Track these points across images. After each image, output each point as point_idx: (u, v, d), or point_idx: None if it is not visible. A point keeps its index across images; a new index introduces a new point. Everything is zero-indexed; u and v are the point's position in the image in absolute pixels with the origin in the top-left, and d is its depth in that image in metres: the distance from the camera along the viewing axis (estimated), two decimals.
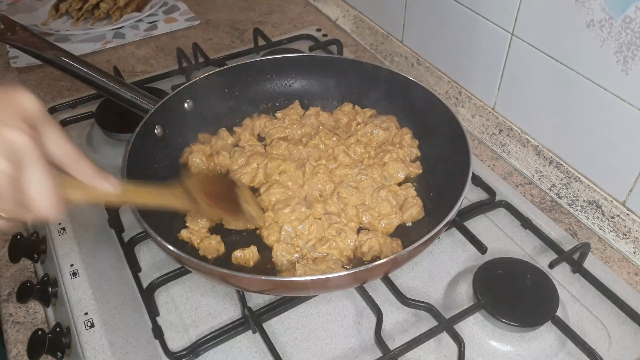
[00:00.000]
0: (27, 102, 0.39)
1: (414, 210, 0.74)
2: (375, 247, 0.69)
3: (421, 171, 0.81)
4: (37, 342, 0.62)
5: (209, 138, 0.85)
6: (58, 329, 0.65)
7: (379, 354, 0.60)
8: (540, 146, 0.84)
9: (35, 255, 0.74)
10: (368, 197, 0.76)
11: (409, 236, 0.72)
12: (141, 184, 0.58)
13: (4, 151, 0.35)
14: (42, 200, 0.39)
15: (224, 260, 0.70)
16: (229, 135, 0.85)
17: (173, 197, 0.61)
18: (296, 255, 0.69)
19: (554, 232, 0.76)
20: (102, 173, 0.47)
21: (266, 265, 0.69)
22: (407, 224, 0.74)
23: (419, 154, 0.83)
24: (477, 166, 0.86)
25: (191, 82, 0.85)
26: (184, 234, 0.71)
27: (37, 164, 0.38)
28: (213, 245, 0.70)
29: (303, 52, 1.08)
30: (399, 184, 0.78)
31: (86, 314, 0.65)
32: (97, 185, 0.46)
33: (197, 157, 0.81)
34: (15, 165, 0.36)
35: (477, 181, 0.82)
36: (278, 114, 0.90)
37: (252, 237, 0.72)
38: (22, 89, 0.39)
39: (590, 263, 0.71)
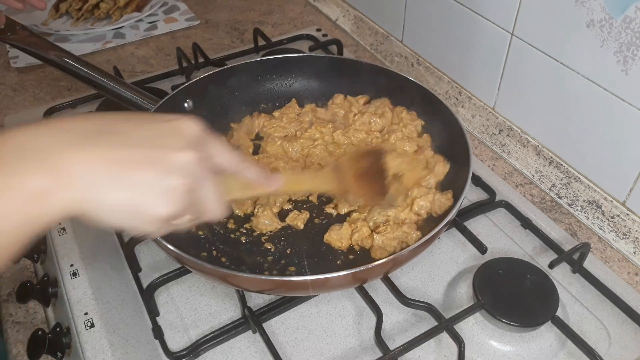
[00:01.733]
0: (189, 126, 0.45)
1: (440, 165, 0.76)
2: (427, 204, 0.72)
3: (429, 143, 0.82)
4: (37, 342, 0.62)
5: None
6: (58, 329, 0.65)
7: (379, 354, 0.60)
8: (540, 146, 0.84)
9: (35, 255, 0.74)
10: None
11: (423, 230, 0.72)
12: (296, 173, 0.66)
13: (181, 172, 0.42)
14: (213, 205, 0.47)
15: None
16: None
17: (325, 182, 0.65)
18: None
19: (554, 232, 0.76)
20: (265, 174, 0.54)
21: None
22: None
23: (422, 122, 0.84)
24: (477, 166, 0.86)
25: (191, 82, 0.85)
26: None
27: (207, 176, 0.45)
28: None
29: (303, 52, 1.08)
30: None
31: (86, 314, 0.65)
32: (264, 184, 0.54)
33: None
34: (191, 181, 0.43)
35: (477, 181, 0.82)
36: (275, 113, 0.89)
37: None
38: (185, 117, 0.46)
39: (590, 263, 0.71)
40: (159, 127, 0.44)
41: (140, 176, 0.41)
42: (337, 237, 0.70)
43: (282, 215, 0.74)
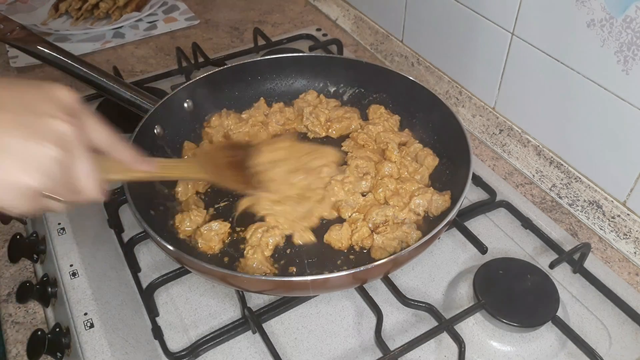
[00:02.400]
0: (65, 95, 0.43)
1: (429, 158, 0.78)
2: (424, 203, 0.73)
3: (412, 136, 0.84)
4: (37, 342, 0.62)
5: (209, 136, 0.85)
6: (57, 329, 0.65)
7: (379, 355, 0.60)
8: (540, 146, 0.84)
9: (35, 256, 0.74)
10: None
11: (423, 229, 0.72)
12: (171, 159, 0.66)
13: (54, 140, 0.39)
14: (89, 184, 0.43)
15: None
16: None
17: (196, 169, 0.68)
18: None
19: (555, 232, 0.76)
20: (139, 155, 0.52)
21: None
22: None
23: (399, 118, 0.87)
24: (477, 166, 0.86)
25: (191, 82, 0.85)
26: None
27: (83, 151, 0.42)
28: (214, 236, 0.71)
29: (303, 52, 1.08)
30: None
31: (86, 314, 0.65)
32: (137, 166, 0.52)
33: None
34: (64, 153, 0.40)
35: (478, 181, 0.82)
36: (244, 115, 0.88)
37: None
38: (58, 84, 0.43)
39: (591, 263, 0.71)
40: (32, 92, 0.41)
41: (6, 142, 0.37)
42: (337, 238, 0.70)
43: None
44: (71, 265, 0.70)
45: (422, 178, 0.78)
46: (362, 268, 0.58)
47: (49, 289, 0.69)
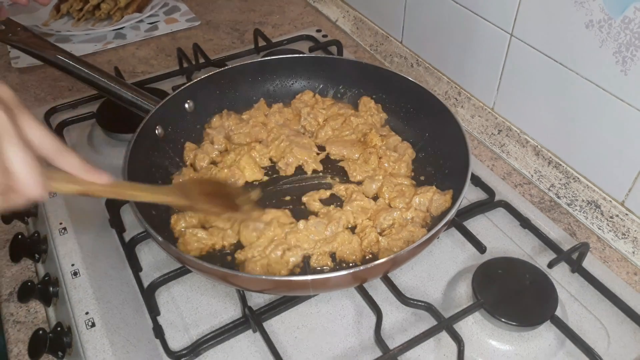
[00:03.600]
0: (2, 90, 0.40)
1: (409, 151, 0.82)
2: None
3: (391, 131, 0.87)
4: (38, 342, 0.63)
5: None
6: (59, 329, 0.65)
7: (379, 353, 0.60)
8: (539, 146, 0.84)
9: (37, 255, 0.74)
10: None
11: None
12: (133, 183, 0.58)
13: None
14: (26, 178, 0.39)
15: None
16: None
17: (166, 194, 0.62)
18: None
19: (553, 231, 0.76)
20: (88, 165, 0.46)
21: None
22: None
23: (386, 116, 0.89)
24: (476, 166, 0.86)
25: (192, 82, 0.85)
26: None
27: (17, 140, 0.38)
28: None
29: (303, 53, 1.09)
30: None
31: (87, 313, 0.65)
32: (83, 177, 0.46)
33: (201, 161, 0.81)
34: None
35: (477, 181, 0.82)
36: (244, 115, 0.88)
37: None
38: None
39: (589, 263, 0.72)
40: None
41: None
42: (351, 252, 0.69)
43: None
44: (73, 265, 0.71)
45: (406, 169, 0.80)
46: (361, 267, 0.58)
47: (51, 289, 0.70)
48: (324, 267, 0.68)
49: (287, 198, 0.78)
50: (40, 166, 0.41)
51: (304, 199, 0.77)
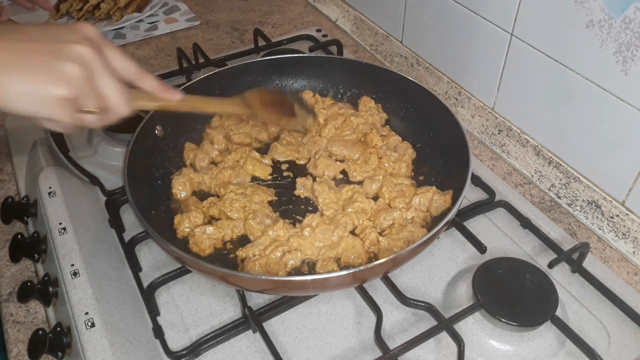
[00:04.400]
0: (88, 29, 0.49)
1: (409, 151, 0.82)
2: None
3: (391, 131, 0.87)
4: (38, 342, 0.63)
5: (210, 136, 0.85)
6: (59, 329, 0.65)
7: (379, 354, 0.60)
8: (539, 146, 0.84)
9: (36, 255, 0.74)
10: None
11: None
12: (202, 97, 0.66)
13: (76, 60, 0.46)
14: (117, 100, 0.50)
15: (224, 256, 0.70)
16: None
17: (231, 104, 0.69)
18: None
19: (554, 232, 0.76)
20: (165, 85, 0.56)
21: None
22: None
23: (386, 116, 0.89)
24: (476, 166, 0.86)
25: (191, 82, 0.85)
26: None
27: (105, 69, 0.49)
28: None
29: (303, 53, 1.09)
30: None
31: (87, 313, 0.65)
32: (161, 94, 0.56)
33: (201, 161, 0.81)
34: (87, 70, 0.47)
35: (477, 181, 0.82)
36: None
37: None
38: (84, 23, 0.50)
39: (590, 263, 0.72)
40: (59, 28, 0.49)
41: (35, 61, 0.45)
42: (356, 255, 0.69)
43: None
44: (72, 265, 0.71)
45: (406, 169, 0.80)
46: (361, 267, 0.58)
47: (50, 289, 0.69)
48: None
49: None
50: (126, 90, 0.51)
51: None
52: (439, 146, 0.81)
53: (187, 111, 0.64)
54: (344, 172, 0.82)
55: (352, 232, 0.72)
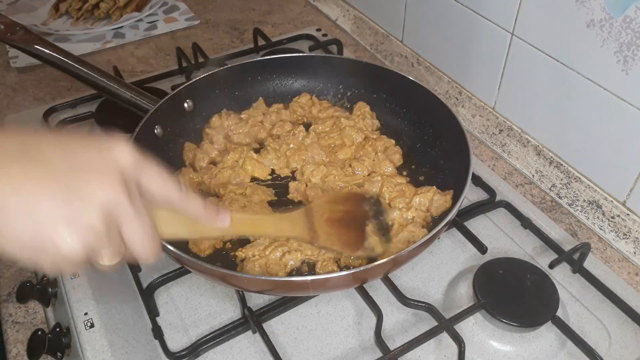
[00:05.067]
0: (122, 153, 0.41)
1: (396, 157, 0.81)
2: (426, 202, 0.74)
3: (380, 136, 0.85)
4: (37, 342, 0.62)
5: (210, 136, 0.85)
6: (58, 329, 0.64)
7: (379, 354, 0.60)
8: (540, 146, 0.84)
9: None
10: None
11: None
12: (254, 214, 0.56)
13: (97, 206, 0.38)
14: (140, 247, 0.42)
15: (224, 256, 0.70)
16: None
17: (289, 227, 0.58)
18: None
19: (554, 232, 0.76)
20: (212, 209, 0.47)
21: None
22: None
23: (379, 125, 0.88)
24: (477, 166, 0.86)
25: (191, 82, 0.84)
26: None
27: (134, 215, 0.40)
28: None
29: (303, 52, 1.08)
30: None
31: (86, 314, 0.65)
32: (209, 223, 0.47)
33: (201, 161, 0.81)
34: (111, 218, 0.39)
35: (477, 181, 0.82)
36: (243, 115, 0.88)
37: None
38: (118, 140, 0.42)
39: (591, 263, 0.71)
40: (89, 157, 0.40)
41: (47, 206, 0.37)
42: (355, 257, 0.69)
43: None
44: None
45: (386, 172, 0.79)
46: (361, 268, 0.58)
47: (49, 289, 0.69)
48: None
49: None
50: (156, 235, 0.43)
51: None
52: (439, 146, 0.81)
53: (232, 237, 0.53)
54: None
55: None
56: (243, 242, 0.71)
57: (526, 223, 0.76)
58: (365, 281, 0.65)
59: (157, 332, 0.63)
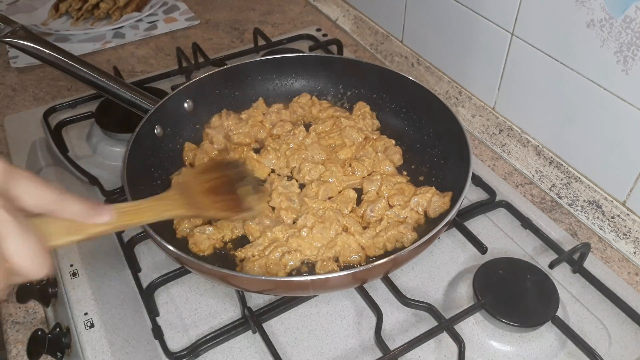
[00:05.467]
0: None
1: (396, 157, 0.81)
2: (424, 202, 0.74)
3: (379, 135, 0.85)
4: (37, 342, 0.62)
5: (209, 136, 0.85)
6: (58, 329, 0.64)
7: (379, 354, 0.60)
8: (540, 146, 0.84)
9: None
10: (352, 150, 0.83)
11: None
12: (134, 201, 0.54)
13: None
14: (22, 261, 0.38)
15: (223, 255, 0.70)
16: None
17: (170, 206, 0.58)
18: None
19: (554, 232, 0.76)
20: (91, 205, 0.44)
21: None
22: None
23: (379, 125, 0.88)
24: (477, 166, 0.86)
25: (191, 82, 0.85)
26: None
27: (11, 229, 0.37)
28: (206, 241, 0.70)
29: (303, 52, 1.08)
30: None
31: (86, 314, 0.65)
32: (90, 220, 0.45)
33: (201, 161, 0.81)
34: None
35: (477, 181, 0.82)
36: (243, 115, 0.88)
37: None
38: None
39: (591, 263, 0.71)
40: None
41: None
42: (355, 252, 0.69)
43: None
44: (71, 265, 0.70)
45: (386, 172, 0.79)
46: (361, 268, 0.58)
47: (49, 289, 0.69)
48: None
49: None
50: (41, 248, 0.39)
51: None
52: (439, 146, 0.81)
53: (119, 230, 0.50)
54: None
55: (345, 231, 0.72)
56: (243, 242, 0.72)
57: (526, 223, 0.76)
58: (365, 281, 0.65)
59: (157, 332, 0.63)
